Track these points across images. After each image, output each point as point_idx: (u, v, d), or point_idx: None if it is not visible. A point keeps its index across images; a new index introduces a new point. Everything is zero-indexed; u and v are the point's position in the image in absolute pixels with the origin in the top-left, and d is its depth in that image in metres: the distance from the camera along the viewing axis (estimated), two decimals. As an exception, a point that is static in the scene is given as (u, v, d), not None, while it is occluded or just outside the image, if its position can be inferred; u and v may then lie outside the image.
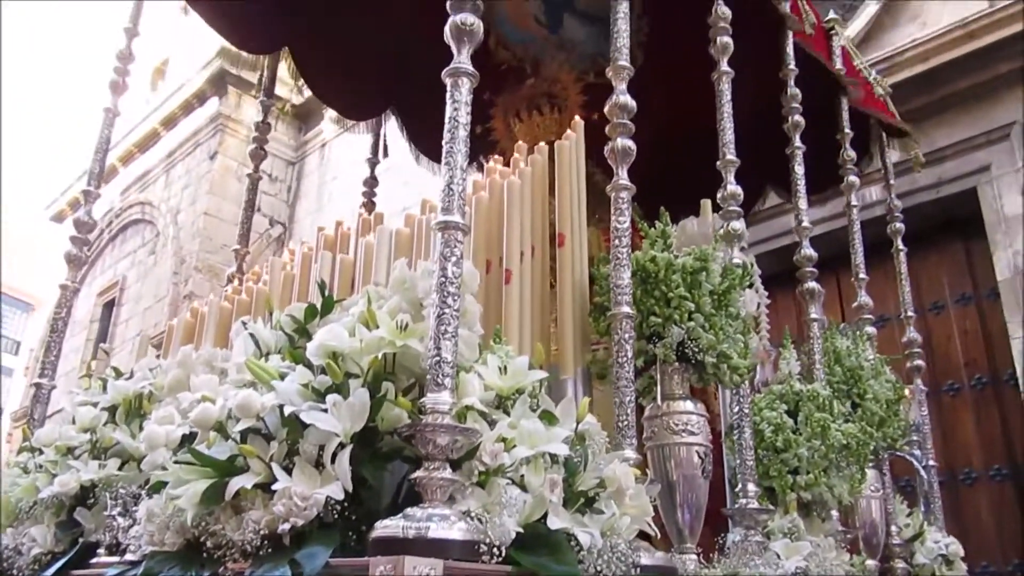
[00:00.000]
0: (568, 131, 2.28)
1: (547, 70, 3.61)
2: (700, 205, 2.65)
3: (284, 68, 3.92)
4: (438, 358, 1.50)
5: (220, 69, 10.48)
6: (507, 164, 2.23)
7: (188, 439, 1.77)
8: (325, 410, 1.50)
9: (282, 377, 1.59)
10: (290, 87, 9.55)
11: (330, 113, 9.78)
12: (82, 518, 2.05)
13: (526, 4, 3.68)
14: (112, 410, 2.27)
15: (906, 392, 3.07)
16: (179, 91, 11.33)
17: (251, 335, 1.80)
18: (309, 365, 1.63)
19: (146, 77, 12.82)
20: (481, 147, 3.49)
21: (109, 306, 11.53)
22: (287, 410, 1.51)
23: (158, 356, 2.59)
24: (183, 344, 2.43)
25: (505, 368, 1.63)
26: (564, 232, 2.13)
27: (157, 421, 1.86)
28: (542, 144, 2.25)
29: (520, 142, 2.45)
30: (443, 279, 1.54)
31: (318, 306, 1.85)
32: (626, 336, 1.91)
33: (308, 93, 5.72)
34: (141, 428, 2.04)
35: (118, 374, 2.34)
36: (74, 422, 2.26)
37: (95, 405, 2.28)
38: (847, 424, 2.47)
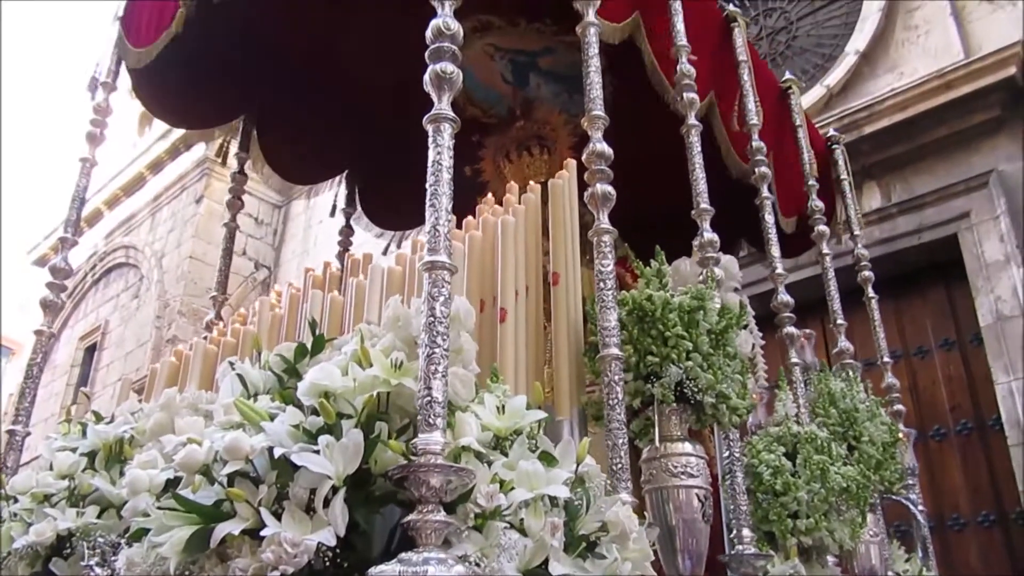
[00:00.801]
0: (561, 171, 2.27)
1: (538, 112, 3.64)
2: (692, 246, 2.64)
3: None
4: (429, 398, 1.46)
5: (206, 114, 10.51)
6: (499, 204, 2.22)
7: (172, 484, 1.70)
8: (317, 452, 1.45)
9: (272, 418, 1.54)
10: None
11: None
12: (58, 569, 1.96)
13: (493, 64, 3.75)
14: (91, 456, 2.19)
15: (901, 435, 3.05)
16: (166, 135, 11.33)
17: (239, 375, 1.75)
18: (300, 405, 1.58)
19: (133, 121, 12.83)
20: (471, 188, 3.50)
21: (91, 350, 11.36)
22: (277, 452, 1.45)
23: (140, 400, 2.52)
24: (166, 387, 2.36)
25: (503, 408, 1.59)
26: (558, 271, 2.11)
27: (140, 465, 1.79)
28: (534, 183, 2.25)
29: (512, 182, 2.44)
30: (432, 318, 1.51)
31: (308, 345, 1.80)
32: (616, 378, 1.88)
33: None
34: (121, 474, 1.97)
35: (98, 418, 2.27)
36: (51, 468, 2.18)
37: (74, 450, 2.20)
38: (846, 467, 2.44)
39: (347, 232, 4.19)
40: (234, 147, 3.92)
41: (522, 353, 1.94)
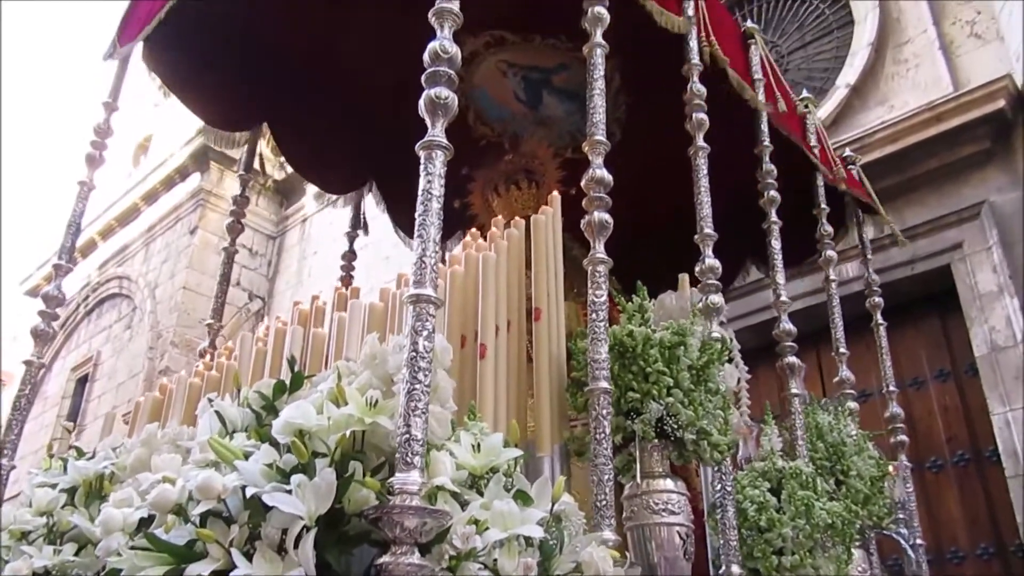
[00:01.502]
0: (544, 206, 2.28)
1: (525, 145, 3.66)
2: (678, 279, 2.64)
3: (266, 145, 3.95)
4: (408, 436, 1.44)
5: (202, 146, 10.56)
6: (485, 238, 2.23)
7: (146, 523, 1.68)
8: (289, 491, 1.43)
9: (246, 456, 1.53)
10: (272, 163, 9.70)
11: (312, 189, 9.96)
12: (33, 607, 1.93)
13: (506, 81, 3.74)
14: (71, 492, 2.17)
15: (890, 469, 3.02)
16: (161, 166, 11.39)
17: (216, 412, 1.74)
18: (276, 444, 1.57)
19: (129, 152, 12.91)
20: (459, 221, 3.51)
21: (82, 382, 11.30)
22: (249, 491, 1.44)
23: (125, 435, 2.50)
24: (150, 422, 2.35)
25: (479, 446, 1.58)
26: (540, 306, 2.11)
27: (115, 503, 1.77)
28: (518, 218, 2.25)
29: (497, 216, 2.45)
30: (414, 353, 1.50)
31: (287, 382, 1.80)
32: (603, 412, 1.87)
33: (290, 169, 5.78)
34: (100, 511, 1.95)
35: (79, 454, 2.25)
36: (31, 505, 2.16)
37: (54, 486, 2.18)
38: (832, 502, 2.42)
39: (350, 256, 4.15)
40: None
41: (503, 390, 1.93)
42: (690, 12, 2.83)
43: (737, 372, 2.49)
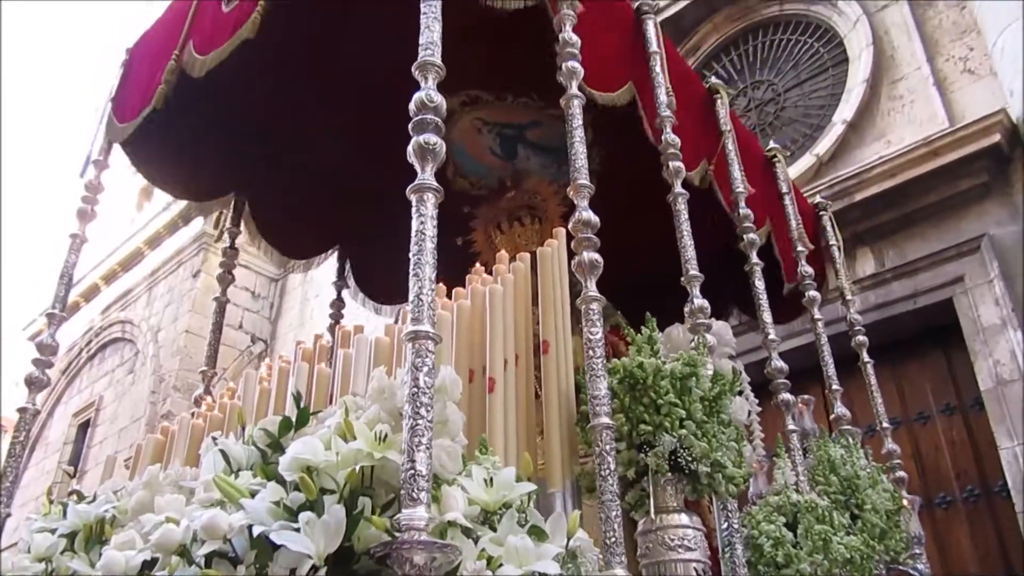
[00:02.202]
0: (550, 239, 2.27)
1: (528, 183, 3.69)
2: (684, 314, 2.63)
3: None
4: (413, 471, 1.41)
5: (205, 191, 10.63)
6: (489, 274, 2.22)
7: (149, 566, 1.64)
8: (298, 529, 1.40)
9: (252, 495, 1.50)
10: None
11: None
12: (29, 657, 1.88)
13: (481, 137, 3.83)
14: (71, 537, 2.12)
15: (904, 502, 2.97)
16: (164, 211, 11.44)
17: (221, 451, 1.71)
18: (282, 481, 1.54)
19: (132, 198, 12.98)
20: (462, 259, 3.50)
21: (84, 427, 11.23)
22: (256, 530, 1.40)
23: (127, 479, 2.46)
24: (152, 464, 2.31)
25: (491, 480, 1.54)
26: (548, 339, 2.09)
27: (117, 546, 1.73)
28: (524, 253, 2.24)
29: (502, 251, 2.44)
30: (415, 389, 1.48)
31: (293, 418, 1.77)
32: (607, 448, 1.83)
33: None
34: (101, 556, 1.91)
35: (80, 498, 2.21)
36: (29, 551, 2.11)
37: (53, 532, 2.13)
38: (849, 537, 2.37)
39: (338, 305, 4.19)
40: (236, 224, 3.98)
41: (512, 424, 1.90)
42: (657, 70, 2.89)
43: (748, 405, 2.47)
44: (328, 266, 4.62)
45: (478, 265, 2.36)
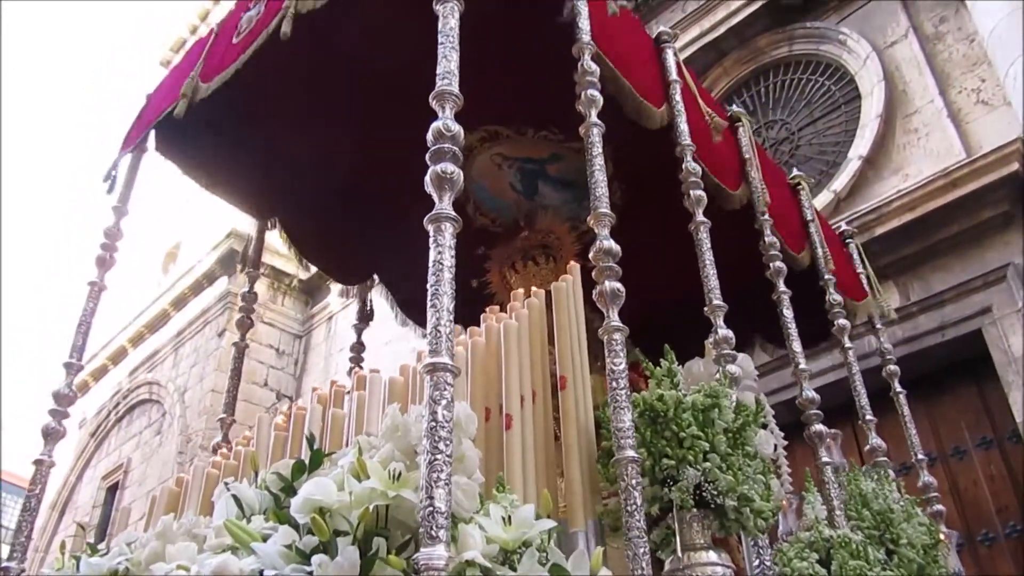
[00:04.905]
0: (565, 275, 2.25)
1: (541, 222, 3.69)
2: (705, 347, 2.58)
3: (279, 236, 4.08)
4: (431, 508, 1.37)
5: (230, 250, 10.78)
6: (504, 313, 2.19)
7: (161, 616, 1.60)
8: (310, 573, 1.36)
9: (264, 539, 1.46)
10: (296, 264, 9.80)
11: (336, 286, 10.08)
12: None
13: (501, 173, 3.85)
14: (85, 591, 2.09)
15: (941, 535, 2.85)
16: (189, 272, 11.59)
17: (233, 496, 1.68)
18: (295, 525, 1.50)
19: (158, 261, 13.18)
20: (477, 300, 3.49)
21: (112, 490, 11.21)
22: (268, 575, 1.37)
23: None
24: (167, 514, 2.28)
25: (509, 519, 1.50)
26: (565, 374, 2.05)
27: (129, 597, 1.69)
28: (538, 289, 2.22)
29: (517, 289, 2.42)
30: (433, 423, 1.45)
31: (307, 461, 1.74)
32: (633, 482, 1.77)
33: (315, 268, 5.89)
34: (115, 610, 1.87)
35: (93, 551, 2.18)
36: (45, 606, 2.08)
37: (68, 586, 2.10)
38: (885, 572, 2.27)
39: (358, 348, 4.17)
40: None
41: (531, 461, 1.85)
42: (676, 98, 2.91)
43: (773, 439, 2.40)
44: (352, 318, 4.63)
45: (493, 306, 2.34)
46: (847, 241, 4.29)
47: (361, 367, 3.82)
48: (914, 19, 6.36)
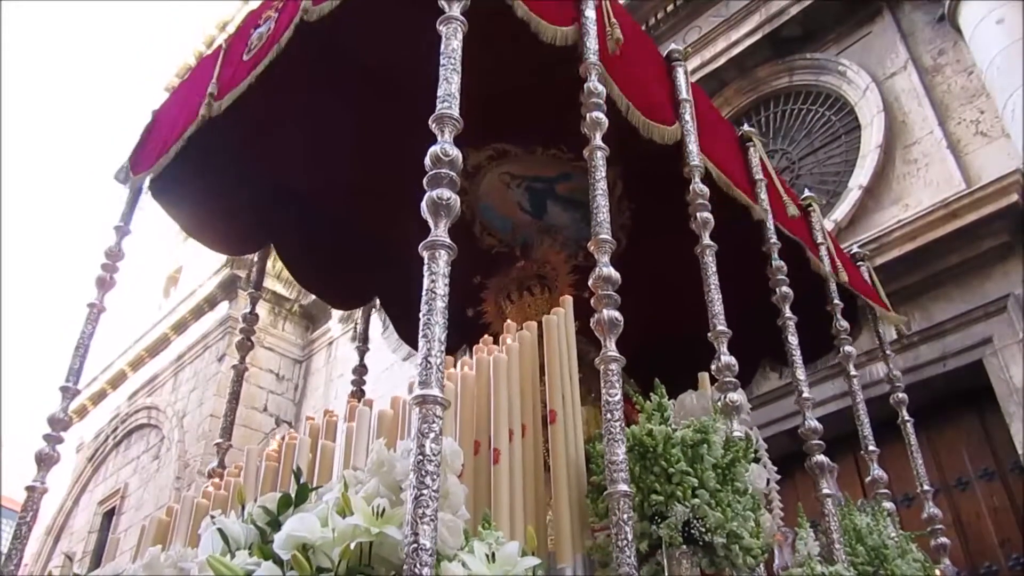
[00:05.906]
0: (557, 307, 2.25)
1: (537, 252, 3.69)
2: (698, 379, 2.57)
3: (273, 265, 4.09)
4: (416, 545, 1.36)
5: (230, 274, 10.81)
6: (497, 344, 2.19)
7: (143, 652, 1.59)
8: (292, 610, 1.35)
9: (247, 575, 1.45)
10: (297, 291, 9.80)
11: (337, 312, 10.08)
12: None
13: (510, 192, 3.83)
14: (73, 623, 2.07)
15: (936, 572, 2.82)
16: (190, 296, 11.61)
17: (219, 530, 1.67)
18: (279, 561, 1.49)
19: (159, 285, 13.21)
20: (472, 330, 3.49)
21: (109, 515, 11.14)
22: (248, 611, 1.36)
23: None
24: (155, 545, 2.26)
25: (493, 556, 1.49)
26: (555, 408, 2.04)
27: (113, 632, 1.68)
28: (531, 322, 2.22)
29: (511, 322, 2.42)
30: (421, 457, 1.44)
31: (293, 495, 1.73)
32: (624, 517, 1.76)
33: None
34: (102, 643, 1.85)
35: (82, 582, 2.16)
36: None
37: (55, 618, 2.09)
38: (878, 611, 2.24)
39: (360, 371, 4.14)
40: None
41: (519, 496, 1.84)
42: (686, 118, 2.91)
43: (766, 473, 2.38)
44: (352, 345, 4.63)
45: (486, 336, 2.34)
46: (859, 264, 4.29)
47: (363, 391, 3.81)
48: (913, 51, 6.41)
